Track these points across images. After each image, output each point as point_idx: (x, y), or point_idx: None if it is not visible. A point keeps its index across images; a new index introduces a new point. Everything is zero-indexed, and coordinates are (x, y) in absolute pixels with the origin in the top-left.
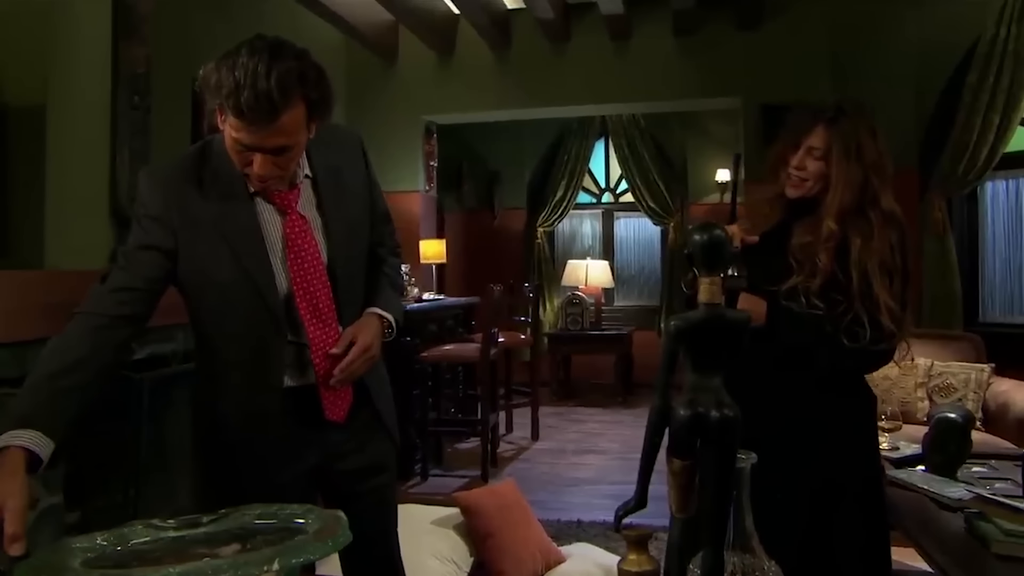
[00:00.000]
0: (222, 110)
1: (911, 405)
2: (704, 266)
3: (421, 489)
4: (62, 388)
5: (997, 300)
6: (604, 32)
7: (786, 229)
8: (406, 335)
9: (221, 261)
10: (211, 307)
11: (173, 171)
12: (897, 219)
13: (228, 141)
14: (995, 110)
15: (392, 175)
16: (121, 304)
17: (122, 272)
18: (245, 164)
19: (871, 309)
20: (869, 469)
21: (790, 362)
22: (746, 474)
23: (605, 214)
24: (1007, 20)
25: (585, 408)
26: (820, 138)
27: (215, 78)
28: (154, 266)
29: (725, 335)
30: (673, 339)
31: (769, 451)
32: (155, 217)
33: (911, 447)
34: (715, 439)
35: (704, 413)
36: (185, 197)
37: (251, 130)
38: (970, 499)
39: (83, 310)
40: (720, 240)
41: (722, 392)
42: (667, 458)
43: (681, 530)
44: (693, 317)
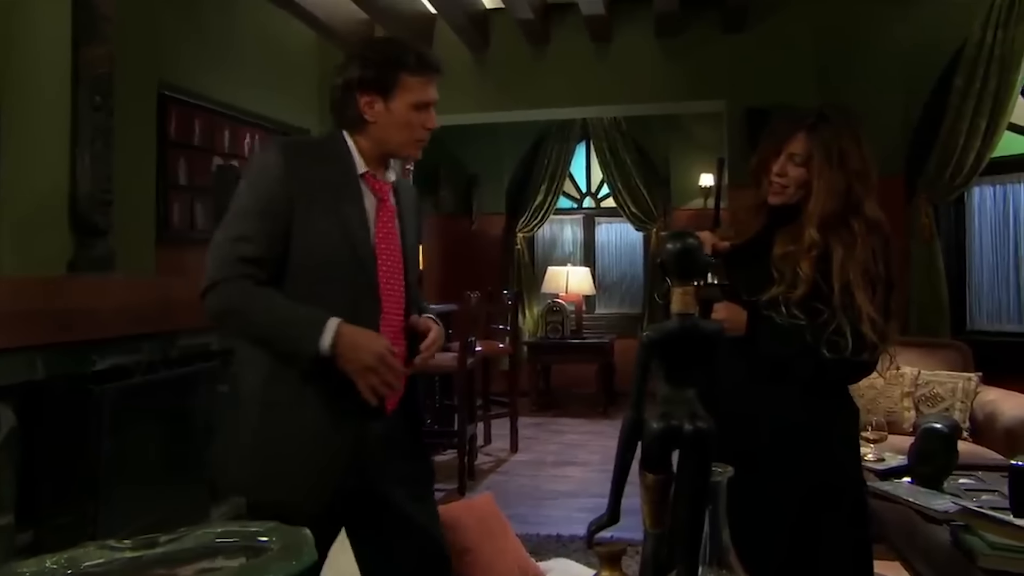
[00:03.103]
0: (385, 87)
1: (897, 415)
2: (677, 275)
3: None
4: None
5: (985, 308)
6: (585, 33)
7: (769, 237)
8: None
9: (331, 232)
10: (315, 274)
11: (296, 144)
12: (881, 227)
13: (403, 112)
14: (982, 115)
15: None
16: (250, 275)
17: (247, 244)
18: (422, 124)
19: (853, 320)
20: (851, 480)
21: (771, 373)
22: (722, 488)
23: (586, 219)
24: (993, 23)
25: (566, 419)
26: (801, 144)
27: (387, 59)
28: (275, 237)
29: (699, 346)
30: (645, 350)
31: (751, 462)
32: (278, 179)
33: (897, 458)
34: (689, 452)
35: (677, 426)
36: (306, 167)
37: (433, 83)
38: (956, 511)
39: (226, 276)
40: (693, 248)
41: (696, 404)
42: (640, 472)
43: (655, 545)
44: (665, 328)
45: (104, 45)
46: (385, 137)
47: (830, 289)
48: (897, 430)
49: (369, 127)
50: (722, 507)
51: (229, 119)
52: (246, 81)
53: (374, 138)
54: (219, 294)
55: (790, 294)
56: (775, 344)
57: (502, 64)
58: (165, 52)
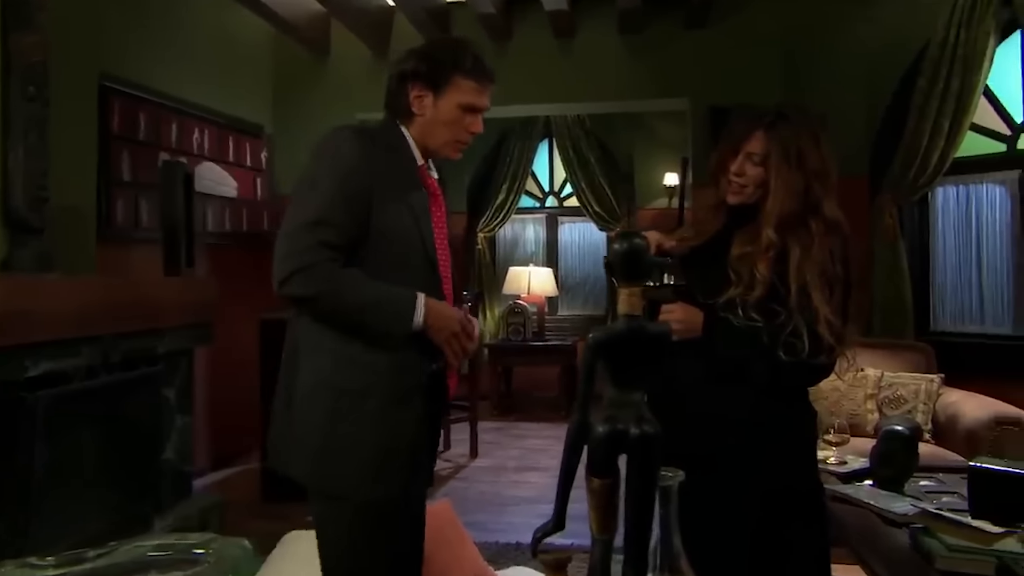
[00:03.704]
0: (437, 84)
1: (861, 417)
2: (623, 276)
3: None
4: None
5: (948, 308)
6: (548, 29)
7: (727, 237)
8: None
9: (405, 224)
10: (390, 266)
11: (369, 131)
12: (840, 228)
13: (449, 111)
14: (945, 115)
15: None
16: (335, 260)
17: (329, 230)
18: (467, 127)
19: (810, 321)
20: (809, 484)
21: (728, 375)
22: (673, 492)
23: (549, 219)
24: (956, 23)
25: (527, 423)
26: (759, 144)
27: (444, 58)
28: (356, 226)
29: (646, 348)
30: (591, 352)
31: (709, 465)
32: (358, 169)
33: (859, 461)
34: (635, 456)
35: (623, 429)
36: (380, 156)
37: (483, 91)
38: (915, 514)
39: (313, 260)
40: (640, 249)
41: (643, 407)
42: (586, 477)
43: (603, 552)
44: (612, 329)
45: (38, 33)
46: (429, 133)
47: (787, 290)
48: (860, 432)
49: (415, 120)
50: (673, 512)
51: (177, 113)
52: (196, 73)
53: (419, 132)
54: (308, 278)
55: (747, 295)
56: (731, 346)
57: None
58: (107, 42)
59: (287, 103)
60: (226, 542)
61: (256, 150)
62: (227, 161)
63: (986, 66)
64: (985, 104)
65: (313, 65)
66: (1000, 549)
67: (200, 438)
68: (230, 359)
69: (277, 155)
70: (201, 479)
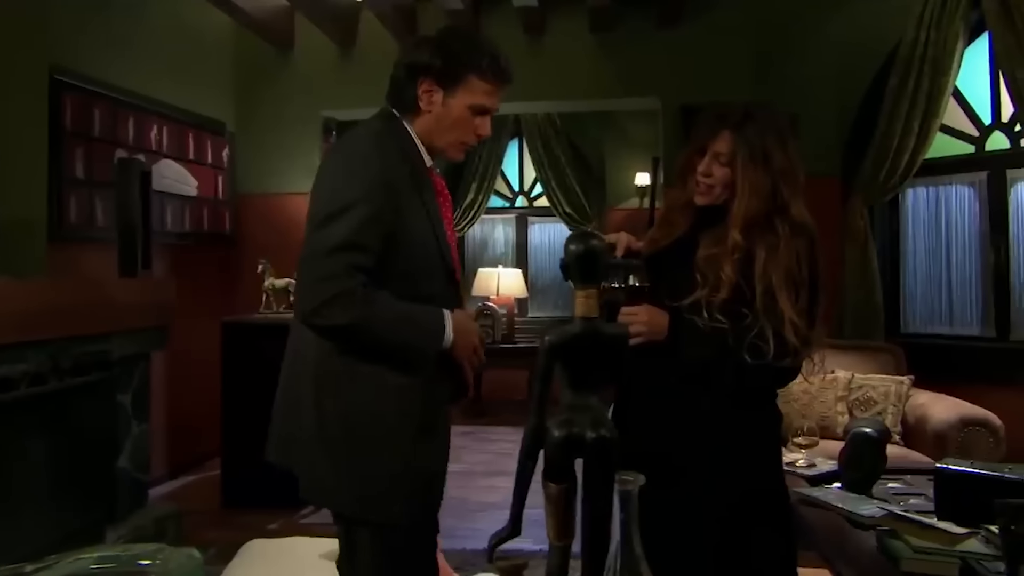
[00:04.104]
0: (449, 81)
1: (831, 419)
2: (579, 278)
3: (314, 519)
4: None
5: (918, 310)
6: (517, 26)
7: (695, 239)
8: None
9: (425, 232)
10: (413, 271)
11: (388, 139)
12: (807, 229)
13: (459, 111)
14: (915, 116)
15: (286, 176)
16: (366, 284)
17: (361, 254)
18: (474, 129)
19: (775, 324)
20: (774, 487)
21: (693, 378)
22: (633, 496)
23: (519, 219)
24: (926, 24)
25: (497, 427)
26: (726, 143)
27: (460, 54)
28: (381, 240)
29: (602, 351)
30: (547, 355)
31: (674, 469)
32: (383, 183)
33: (828, 463)
34: (592, 461)
35: (579, 434)
36: (398, 164)
37: (499, 93)
38: (882, 516)
39: (347, 288)
40: (596, 250)
41: (600, 411)
42: (543, 482)
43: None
44: (567, 332)
45: None
46: (434, 130)
47: (753, 293)
48: (831, 434)
49: (421, 116)
50: (633, 516)
51: (134, 109)
52: (155, 68)
53: (424, 128)
54: (347, 305)
55: (712, 298)
56: (696, 349)
57: None
58: (58, 34)
59: (250, 99)
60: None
61: (218, 147)
62: (187, 159)
63: (955, 67)
64: (954, 105)
65: (277, 60)
66: (964, 550)
67: (158, 445)
68: (190, 363)
69: (239, 153)
70: (158, 487)
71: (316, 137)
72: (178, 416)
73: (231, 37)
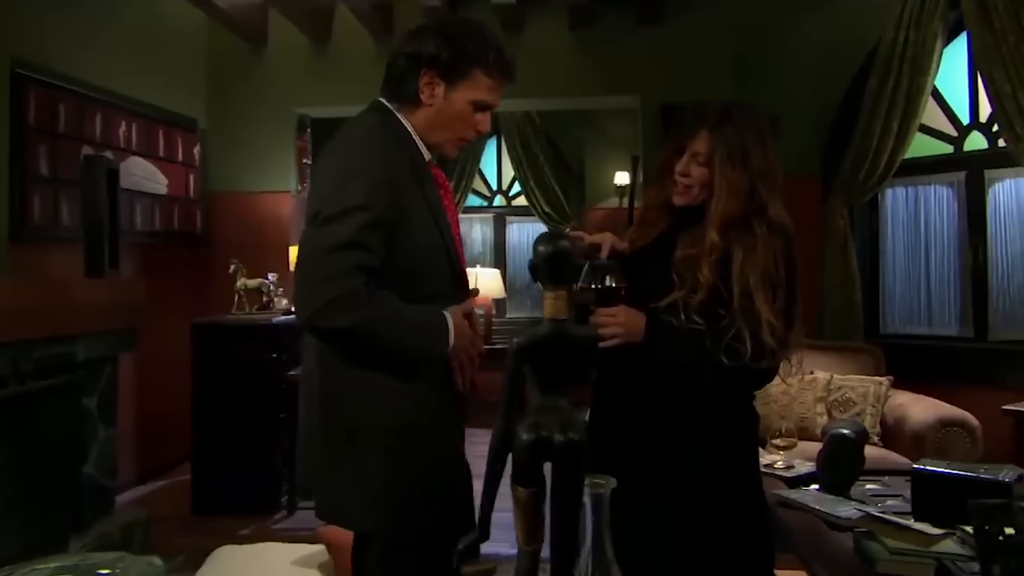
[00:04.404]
0: (452, 74)
1: (810, 420)
2: (548, 279)
3: (287, 524)
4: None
5: (897, 310)
6: (495, 23)
7: (673, 239)
8: (273, 352)
9: (428, 227)
10: (411, 267)
11: (384, 133)
12: (784, 230)
13: (460, 107)
14: (895, 115)
15: (260, 174)
16: (368, 284)
17: (363, 254)
18: (474, 125)
19: (753, 325)
20: (751, 489)
21: (670, 380)
22: (604, 500)
23: (497, 218)
24: (905, 24)
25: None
26: (704, 143)
27: (466, 47)
28: (385, 245)
29: (571, 353)
30: (515, 358)
31: (651, 471)
32: (384, 182)
33: (807, 465)
34: (560, 464)
35: (547, 437)
36: (398, 161)
37: (500, 88)
38: (859, 518)
39: (349, 289)
40: (565, 252)
41: (569, 414)
42: (511, 486)
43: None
44: (536, 334)
45: None
46: (433, 125)
47: (730, 293)
48: (810, 435)
49: (421, 109)
50: (604, 520)
51: (102, 104)
52: (123, 63)
53: (422, 122)
54: (348, 307)
55: (690, 299)
56: (673, 350)
57: None
58: (21, 27)
59: (222, 96)
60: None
61: (189, 144)
62: (157, 156)
63: (934, 67)
64: (933, 105)
65: (250, 56)
66: (939, 551)
67: (126, 449)
68: (160, 365)
69: (211, 150)
70: (126, 493)
71: (290, 134)
72: (147, 419)
73: (203, 32)
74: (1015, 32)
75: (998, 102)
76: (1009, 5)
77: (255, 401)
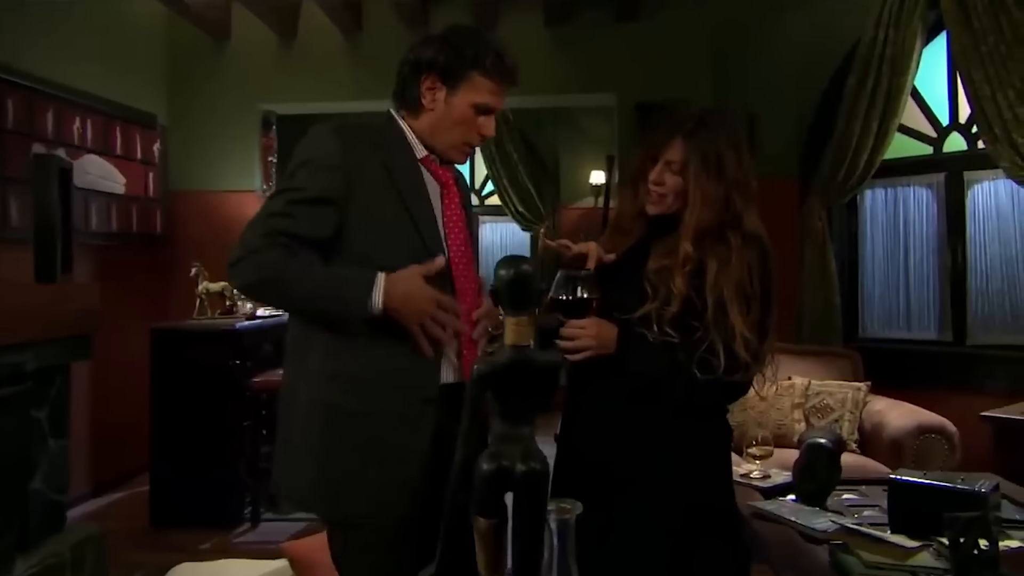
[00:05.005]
0: (452, 78)
1: (787, 427)
2: (510, 305)
3: (250, 537)
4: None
5: (876, 313)
6: (468, 18)
7: (646, 248)
8: (236, 358)
9: (398, 222)
10: (384, 268)
11: (355, 129)
12: (759, 241)
13: (462, 110)
14: (874, 115)
15: (223, 172)
16: (285, 246)
17: (287, 220)
18: (478, 129)
19: (726, 338)
20: (723, 503)
21: (642, 393)
22: (570, 527)
23: None
24: (885, 23)
25: None
26: (678, 151)
27: (464, 51)
28: (323, 222)
29: (535, 380)
30: (477, 385)
31: (623, 483)
32: (333, 167)
33: (783, 474)
34: (521, 495)
35: (509, 467)
36: (365, 153)
37: (502, 92)
38: (835, 531)
39: (257, 247)
40: (527, 276)
41: (531, 442)
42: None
43: None
44: (498, 361)
45: None
46: (436, 130)
47: (704, 305)
48: (787, 443)
49: (424, 114)
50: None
51: (55, 100)
52: (78, 56)
53: (425, 127)
54: (249, 265)
55: (663, 311)
56: (644, 363)
57: (377, 49)
58: None
59: (183, 91)
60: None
61: (148, 142)
62: (114, 154)
63: (913, 67)
64: (912, 106)
65: (212, 50)
66: (915, 564)
67: (80, 461)
68: (117, 372)
69: (172, 147)
70: (80, 507)
71: (254, 132)
72: (103, 429)
73: (163, 24)
74: (994, 33)
75: (977, 103)
76: (988, 6)
77: (217, 409)
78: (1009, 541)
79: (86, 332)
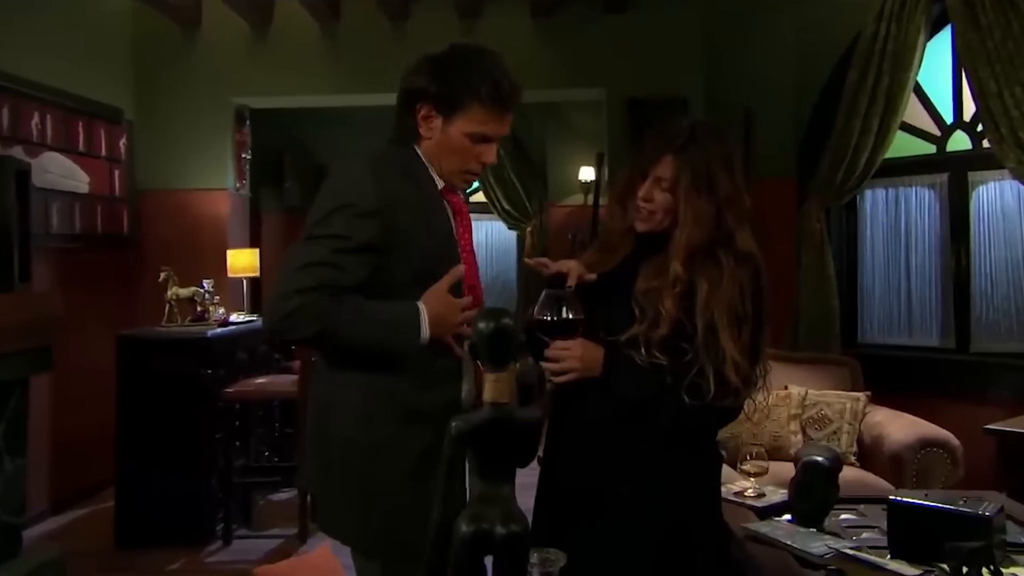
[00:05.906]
0: (447, 107)
1: (784, 439)
2: (490, 359)
3: (223, 556)
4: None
5: (876, 318)
6: (451, 9)
7: (634, 267)
8: (207, 367)
9: (428, 250)
10: (414, 292)
11: (385, 160)
12: (752, 260)
13: (458, 139)
14: (874, 113)
15: (193, 169)
16: (333, 295)
17: (335, 271)
18: (476, 157)
19: (716, 362)
20: (711, 532)
21: (629, 417)
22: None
23: None
24: (887, 16)
25: None
26: (668, 168)
27: (458, 80)
28: (367, 268)
29: (515, 438)
30: (453, 444)
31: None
32: (372, 212)
33: (779, 493)
34: (501, 558)
35: (488, 529)
36: (398, 188)
37: (500, 119)
38: (832, 556)
39: (305, 303)
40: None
41: (511, 503)
42: None
43: None
44: (476, 419)
45: None
46: (436, 158)
47: (694, 326)
48: (783, 456)
49: (422, 143)
50: None
51: (11, 94)
52: (37, 47)
53: (427, 155)
54: (306, 318)
55: (651, 333)
56: (631, 386)
57: (356, 40)
58: None
59: (151, 85)
60: None
61: (114, 138)
62: (77, 151)
63: (916, 63)
64: (915, 103)
65: (182, 41)
66: None
67: (39, 476)
68: (80, 382)
69: (139, 144)
70: (39, 526)
71: (227, 127)
72: (65, 442)
73: (129, 12)
74: (1001, 28)
75: (983, 100)
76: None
77: (187, 420)
78: (1015, 568)
79: (46, 344)
